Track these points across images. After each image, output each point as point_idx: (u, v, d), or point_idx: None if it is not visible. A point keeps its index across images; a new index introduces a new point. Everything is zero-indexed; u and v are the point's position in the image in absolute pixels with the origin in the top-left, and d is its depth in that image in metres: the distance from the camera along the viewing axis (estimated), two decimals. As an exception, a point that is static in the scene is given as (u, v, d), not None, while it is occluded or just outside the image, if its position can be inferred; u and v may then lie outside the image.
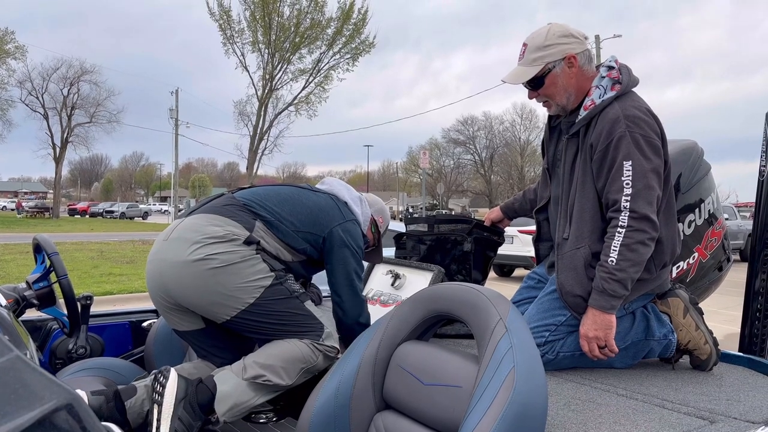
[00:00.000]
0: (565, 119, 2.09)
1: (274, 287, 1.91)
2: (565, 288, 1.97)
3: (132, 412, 1.82)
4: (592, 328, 1.89)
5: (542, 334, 1.98)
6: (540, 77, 1.99)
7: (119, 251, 16.34)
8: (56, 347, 2.47)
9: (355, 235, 2.10)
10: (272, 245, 1.98)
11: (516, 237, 11.07)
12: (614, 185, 1.87)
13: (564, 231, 2.00)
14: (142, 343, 2.66)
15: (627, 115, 1.88)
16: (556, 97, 2.02)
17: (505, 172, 61.14)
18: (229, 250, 1.88)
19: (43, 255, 2.20)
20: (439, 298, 1.48)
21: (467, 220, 2.55)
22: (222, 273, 1.85)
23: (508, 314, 1.31)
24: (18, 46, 38.27)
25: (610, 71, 1.97)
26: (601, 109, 1.92)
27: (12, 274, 10.60)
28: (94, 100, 42.49)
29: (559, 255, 2.01)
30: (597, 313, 1.88)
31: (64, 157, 43.44)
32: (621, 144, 1.85)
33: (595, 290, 1.88)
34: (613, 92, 1.94)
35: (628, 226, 1.84)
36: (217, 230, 1.90)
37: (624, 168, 1.85)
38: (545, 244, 2.27)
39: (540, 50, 1.99)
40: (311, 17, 29.79)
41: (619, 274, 1.84)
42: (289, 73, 30.98)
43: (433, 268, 2.40)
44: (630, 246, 1.84)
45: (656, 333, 2.02)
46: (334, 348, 1.98)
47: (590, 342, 1.90)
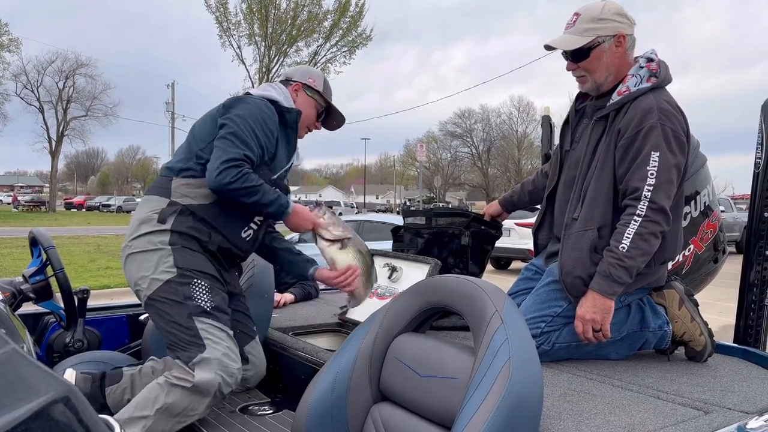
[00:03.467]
0: (592, 102, 2.10)
1: (171, 285, 1.87)
2: (566, 268, 1.96)
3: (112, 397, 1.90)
4: (591, 311, 1.88)
5: (538, 325, 1.98)
6: (587, 49, 1.99)
7: (116, 245, 16.30)
8: (53, 341, 2.48)
9: (240, 106, 2.03)
10: (194, 193, 1.98)
11: (513, 230, 11.08)
12: (637, 173, 1.87)
13: (574, 211, 2.00)
14: (139, 337, 2.66)
15: (660, 108, 1.90)
16: (595, 73, 2.01)
17: (502, 165, 61.12)
18: (143, 233, 1.95)
19: (40, 249, 2.20)
20: (435, 290, 1.48)
21: (465, 214, 2.55)
22: (133, 261, 1.95)
23: (503, 306, 1.32)
24: (12, 38, 37.99)
25: (649, 63, 1.99)
26: (635, 97, 1.93)
27: (9, 268, 10.57)
28: (90, 94, 42.32)
29: (566, 235, 2.00)
30: (598, 297, 1.88)
31: (60, 151, 43.24)
32: (651, 134, 1.87)
33: (600, 274, 1.88)
34: (649, 84, 1.95)
35: (645, 216, 1.85)
36: (141, 212, 2.00)
37: (651, 158, 1.86)
38: (545, 234, 2.27)
39: (593, 22, 1.99)
40: (308, 10, 29.69)
41: (627, 262, 1.84)
42: (286, 66, 30.86)
43: (430, 261, 2.40)
44: (643, 236, 1.84)
45: (651, 324, 2.03)
46: (203, 381, 1.79)
47: (586, 324, 1.90)
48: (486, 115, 61.52)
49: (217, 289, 1.95)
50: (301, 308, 2.99)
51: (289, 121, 2.18)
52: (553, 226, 2.23)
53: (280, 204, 2.04)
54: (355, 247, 2.22)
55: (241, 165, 1.93)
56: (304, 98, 2.25)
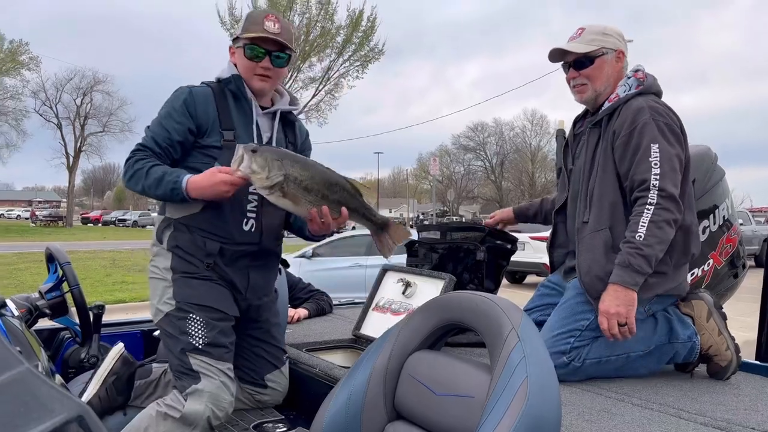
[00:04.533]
0: (589, 119, 2.17)
1: (170, 318, 1.90)
2: (583, 268, 1.97)
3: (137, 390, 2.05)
4: (614, 304, 1.85)
5: (567, 341, 1.94)
6: (591, 57, 2.09)
7: (131, 260, 16.44)
8: (68, 356, 2.48)
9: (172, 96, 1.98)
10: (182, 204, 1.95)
11: (528, 243, 11.02)
12: (641, 166, 1.92)
13: (583, 215, 2.04)
14: (154, 352, 2.66)
15: (650, 106, 1.98)
16: (596, 82, 2.10)
17: (515, 178, 60.97)
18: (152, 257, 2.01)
19: (56, 264, 2.21)
20: (450, 306, 1.47)
21: (480, 228, 2.54)
22: (150, 284, 2.00)
23: (520, 323, 1.30)
24: (32, 57, 38.79)
25: (636, 73, 2.08)
26: (625, 101, 2.02)
27: (26, 283, 10.68)
28: (107, 110, 43.00)
29: (579, 239, 2.03)
30: (620, 289, 1.86)
31: (77, 166, 43.90)
32: (646, 129, 1.93)
33: (620, 266, 1.87)
34: (636, 90, 2.03)
35: (656, 203, 1.87)
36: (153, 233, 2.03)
37: (651, 150, 1.91)
38: (560, 251, 2.26)
39: (599, 34, 2.11)
40: (321, 25, 29.97)
41: (645, 250, 1.84)
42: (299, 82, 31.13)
43: (444, 276, 2.39)
44: (657, 223, 1.86)
45: (680, 335, 1.99)
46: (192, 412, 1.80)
47: (611, 318, 1.86)
48: (499, 129, 61.57)
49: (214, 323, 1.90)
50: (314, 324, 2.98)
51: (236, 91, 1.99)
52: (566, 242, 2.23)
53: (167, 182, 1.83)
54: (299, 186, 1.81)
55: (132, 155, 1.90)
56: (237, 54, 2.02)
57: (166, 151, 1.92)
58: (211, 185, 1.80)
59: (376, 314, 2.60)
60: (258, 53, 1.97)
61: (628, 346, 1.95)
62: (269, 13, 2.00)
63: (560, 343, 1.93)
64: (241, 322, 2.04)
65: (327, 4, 29.89)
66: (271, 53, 1.98)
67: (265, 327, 2.15)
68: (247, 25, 1.99)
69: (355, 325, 2.64)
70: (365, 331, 2.57)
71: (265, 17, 1.97)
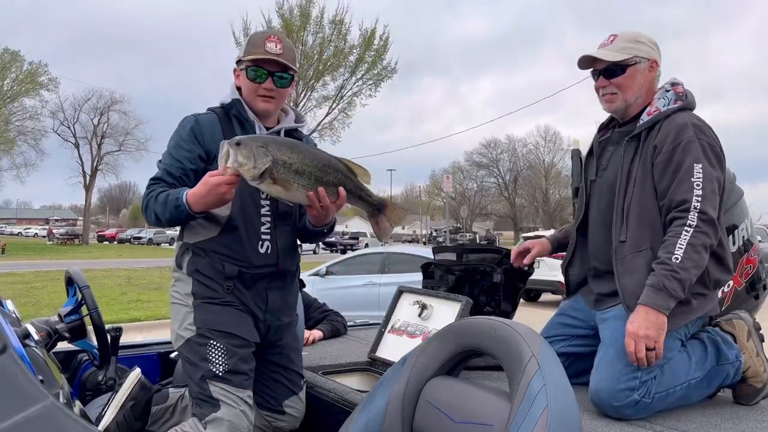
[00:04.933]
0: (618, 130, 2.10)
1: (191, 344, 1.90)
2: (628, 292, 1.88)
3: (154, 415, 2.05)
4: (644, 326, 1.77)
5: (634, 375, 1.81)
6: (623, 66, 2.01)
7: (147, 278, 16.55)
8: (86, 379, 2.49)
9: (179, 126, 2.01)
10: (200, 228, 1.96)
11: (543, 261, 10.93)
12: (683, 185, 1.85)
13: (620, 234, 1.95)
14: (170, 374, 2.67)
15: (694, 123, 1.92)
16: (627, 92, 2.02)
17: (529, 194, 60.76)
18: (173, 282, 2.01)
19: (75, 288, 2.23)
20: (468, 332, 1.46)
21: (497, 250, 2.53)
22: (171, 309, 2.01)
23: (540, 350, 1.29)
24: (51, 78, 39.55)
25: (676, 86, 2.02)
26: (666, 116, 1.95)
27: (43, 301, 10.79)
28: (123, 129, 43.71)
29: (618, 259, 1.94)
30: (651, 311, 1.77)
31: (93, 185, 44.48)
32: (690, 147, 1.87)
33: (652, 287, 1.79)
34: (677, 105, 1.98)
35: (696, 226, 1.80)
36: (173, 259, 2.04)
37: (694, 170, 1.85)
38: (576, 270, 2.20)
39: (632, 42, 2.04)
40: (334, 45, 30.26)
41: (681, 273, 1.77)
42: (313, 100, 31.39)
43: (461, 299, 2.37)
44: (695, 247, 1.79)
45: (729, 356, 1.93)
46: None
47: (639, 341, 1.77)
48: (512, 145, 61.49)
49: (235, 350, 1.89)
50: (330, 345, 2.97)
51: (238, 116, 2.00)
52: (584, 260, 2.16)
53: (170, 202, 1.83)
54: (289, 169, 1.75)
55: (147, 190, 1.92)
56: (241, 76, 2.02)
57: (179, 180, 1.93)
58: (208, 190, 1.77)
59: (392, 337, 2.58)
60: (260, 74, 1.98)
61: (688, 373, 1.87)
62: (271, 34, 2.01)
63: (627, 379, 1.80)
64: (261, 347, 2.04)
65: (340, 24, 30.21)
66: (274, 74, 1.99)
67: (285, 352, 2.14)
68: (249, 48, 1.99)
69: (371, 348, 2.63)
70: (381, 354, 2.56)
71: (266, 38, 1.98)
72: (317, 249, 37.61)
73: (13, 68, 38.14)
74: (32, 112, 39.84)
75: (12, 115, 38.91)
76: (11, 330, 1.14)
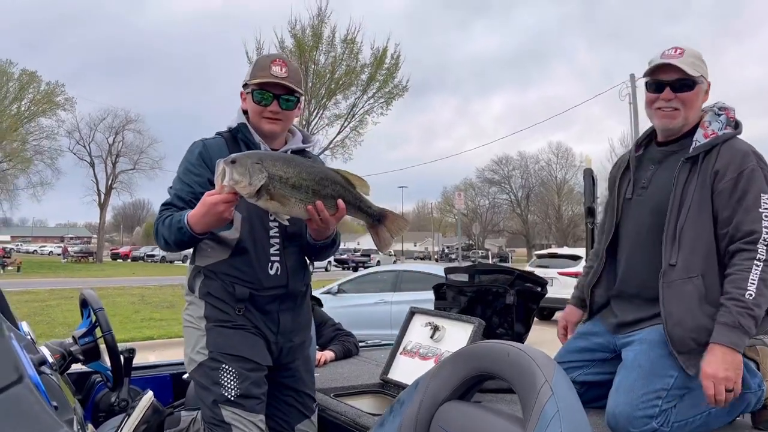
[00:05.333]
0: (660, 149, 2.04)
1: (203, 368, 1.90)
2: (673, 319, 1.81)
3: None
4: (723, 368, 1.71)
5: (654, 403, 1.77)
6: (693, 82, 1.95)
7: (160, 296, 16.61)
8: (99, 400, 2.50)
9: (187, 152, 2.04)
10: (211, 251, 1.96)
11: (556, 279, 10.87)
12: (750, 215, 1.80)
13: (671, 257, 1.87)
14: (183, 395, 2.67)
15: (754, 152, 1.89)
16: (690, 110, 1.96)
17: (541, 211, 60.56)
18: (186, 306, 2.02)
19: (89, 309, 2.25)
20: (481, 356, 1.45)
21: (509, 271, 2.51)
22: (184, 332, 2.00)
23: (553, 376, 1.28)
24: (68, 98, 40.21)
25: (727, 111, 1.98)
26: (724, 140, 1.90)
27: (57, 319, 10.85)
28: (138, 148, 44.26)
29: (665, 283, 1.87)
30: (728, 351, 1.72)
31: (108, 203, 44.96)
32: (755, 176, 1.83)
33: (727, 326, 1.73)
34: (731, 130, 1.94)
35: (766, 260, 1.76)
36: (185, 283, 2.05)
37: (762, 200, 1.81)
38: (602, 291, 2.13)
39: (698, 60, 1.98)
40: (346, 64, 30.52)
41: (756, 311, 1.73)
42: (325, 119, 31.61)
43: (473, 320, 2.36)
44: (767, 282, 1.74)
45: (751, 384, 1.88)
46: None
47: (719, 383, 1.71)
48: (524, 162, 61.50)
49: (247, 373, 1.89)
50: (341, 367, 2.96)
51: (245, 139, 2.02)
52: (610, 282, 2.09)
53: (173, 225, 1.85)
54: (285, 184, 1.73)
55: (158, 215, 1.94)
56: (247, 99, 2.04)
57: (190, 204, 1.93)
58: (206, 210, 1.76)
59: (404, 358, 2.57)
60: (266, 97, 1.99)
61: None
62: (276, 58, 2.03)
63: (646, 406, 1.76)
64: (274, 369, 2.03)
65: (351, 43, 30.47)
66: (279, 97, 2.00)
67: (297, 374, 2.13)
68: (254, 71, 2.01)
69: (383, 370, 2.62)
70: (393, 376, 2.54)
71: (272, 62, 2.00)
72: (329, 266, 37.64)
73: (31, 89, 38.84)
74: (49, 131, 40.51)
75: (29, 134, 39.55)
76: (27, 358, 1.15)
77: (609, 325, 2.08)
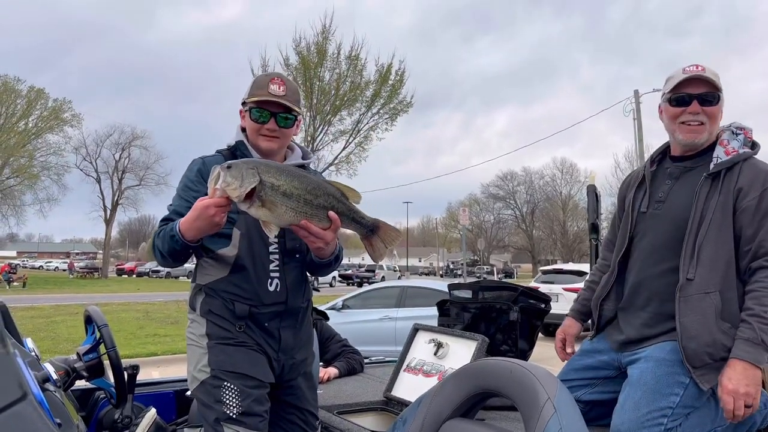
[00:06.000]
0: (677, 164, 2.05)
1: (205, 386, 1.90)
2: (689, 333, 1.81)
3: None
4: (744, 383, 1.71)
5: (659, 421, 1.76)
6: (718, 96, 1.98)
7: (164, 311, 16.61)
8: (103, 417, 2.49)
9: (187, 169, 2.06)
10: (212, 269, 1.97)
11: (561, 295, 10.82)
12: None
13: (688, 271, 1.86)
14: (186, 412, 2.67)
15: None
16: (714, 124, 1.99)
17: (547, 227, 60.37)
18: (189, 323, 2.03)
19: (94, 326, 2.25)
20: (484, 374, 1.45)
21: (513, 288, 2.51)
22: (187, 350, 2.01)
23: (556, 393, 1.28)
24: (75, 114, 40.55)
25: (745, 131, 2.00)
26: (745, 159, 1.92)
27: (61, 336, 10.85)
28: (144, 164, 44.50)
29: (682, 297, 1.86)
30: (749, 367, 1.72)
31: (114, 219, 45.10)
32: None
33: (749, 342, 1.73)
34: (750, 150, 1.95)
35: None
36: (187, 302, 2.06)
37: None
38: (611, 305, 2.12)
39: (717, 77, 1.99)
40: (351, 80, 30.70)
41: None
42: (330, 135, 31.75)
43: (477, 337, 2.35)
44: None
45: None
46: None
47: (738, 399, 1.71)
48: (529, 178, 61.46)
49: (249, 391, 1.89)
50: (345, 384, 2.95)
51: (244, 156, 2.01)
52: (622, 295, 2.09)
53: (166, 234, 1.86)
54: (277, 191, 1.71)
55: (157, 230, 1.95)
56: (246, 117, 2.06)
57: None
58: (198, 214, 1.76)
59: (408, 375, 2.57)
60: (264, 115, 2.01)
61: (714, 421, 1.82)
62: (274, 77, 2.05)
63: (651, 424, 1.75)
64: (276, 387, 2.03)
65: (356, 60, 30.68)
66: (277, 115, 2.02)
67: (300, 392, 2.12)
68: (253, 89, 2.03)
69: (387, 387, 2.61)
70: (397, 393, 2.54)
71: (270, 80, 2.02)
72: (333, 282, 37.55)
73: (38, 105, 39.22)
74: (56, 147, 40.80)
75: (36, 150, 39.83)
76: (31, 375, 1.16)
77: (614, 342, 2.07)
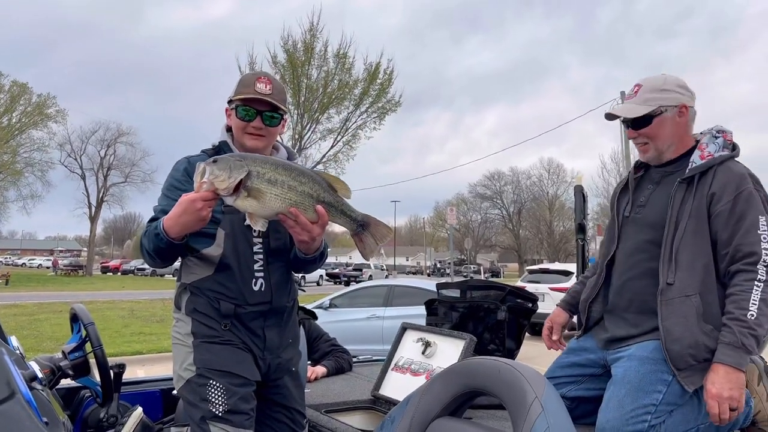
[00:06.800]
0: (659, 169, 2.09)
1: (191, 384, 1.89)
2: (673, 335, 1.84)
3: None
4: (727, 387, 1.74)
5: (643, 418, 1.79)
6: (649, 117, 2.02)
7: (149, 310, 16.48)
8: (88, 416, 2.48)
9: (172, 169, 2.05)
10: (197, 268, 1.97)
11: (548, 294, 10.88)
12: (749, 237, 1.83)
13: (668, 276, 1.90)
14: (173, 411, 2.65)
15: (750, 174, 1.93)
16: (657, 141, 2.03)
17: (533, 226, 60.77)
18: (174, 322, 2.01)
19: (80, 324, 2.24)
20: (471, 373, 1.46)
21: (501, 287, 2.53)
22: (173, 349, 1.99)
23: (543, 392, 1.29)
24: (59, 110, 40.12)
25: (725, 134, 2.02)
26: (720, 162, 1.94)
27: (45, 334, 10.74)
28: (130, 161, 44.14)
29: (663, 300, 1.89)
30: (731, 371, 1.75)
31: (99, 216, 44.69)
32: (752, 199, 1.87)
33: (730, 346, 1.76)
34: (727, 152, 1.98)
35: (766, 281, 1.79)
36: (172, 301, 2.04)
37: (760, 222, 1.84)
38: (599, 307, 2.15)
39: (656, 92, 2.03)
40: (339, 78, 30.65)
41: (758, 330, 1.75)
42: (318, 133, 31.68)
43: (464, 336, 2.37)
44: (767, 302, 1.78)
45: None
46: None
47: (723, 403, 1.74)
48: (516, 177, 61.84)
49: (235, 389, 1.88)
50: (333, 383, 2.95)
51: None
52: (606, 296, 2.12)
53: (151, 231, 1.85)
54: (262, 179, 1.71)
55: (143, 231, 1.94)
56: (232, 115, 2.05)
57: None
58: (183, 208, 1.75)
59: (396, 374, 2.57)
60: (250, 113, 2.00)
61: (697, 418, 1.84)
62: (261, 75, 2.05)
63: (635, 422, 1.78)
64: (263, 386, 2.02)
65: (344, 58, 30.62)
66: (263, 113, 2.01)
67: (287, 391, 2.12)
68: (239, 88, 2.03)
69: (374, 386, 2.62)
70: (384, 392, 2.54)
71: (257, 79, 2.02)
72: (321, 281, 37.50)
73: (22, 100, 38.75)
74: (40, 144, 40.36)
75: (20, 146, 39.36)
76: (19, 374, 1.15)
77: (600, 340, 2.10)
